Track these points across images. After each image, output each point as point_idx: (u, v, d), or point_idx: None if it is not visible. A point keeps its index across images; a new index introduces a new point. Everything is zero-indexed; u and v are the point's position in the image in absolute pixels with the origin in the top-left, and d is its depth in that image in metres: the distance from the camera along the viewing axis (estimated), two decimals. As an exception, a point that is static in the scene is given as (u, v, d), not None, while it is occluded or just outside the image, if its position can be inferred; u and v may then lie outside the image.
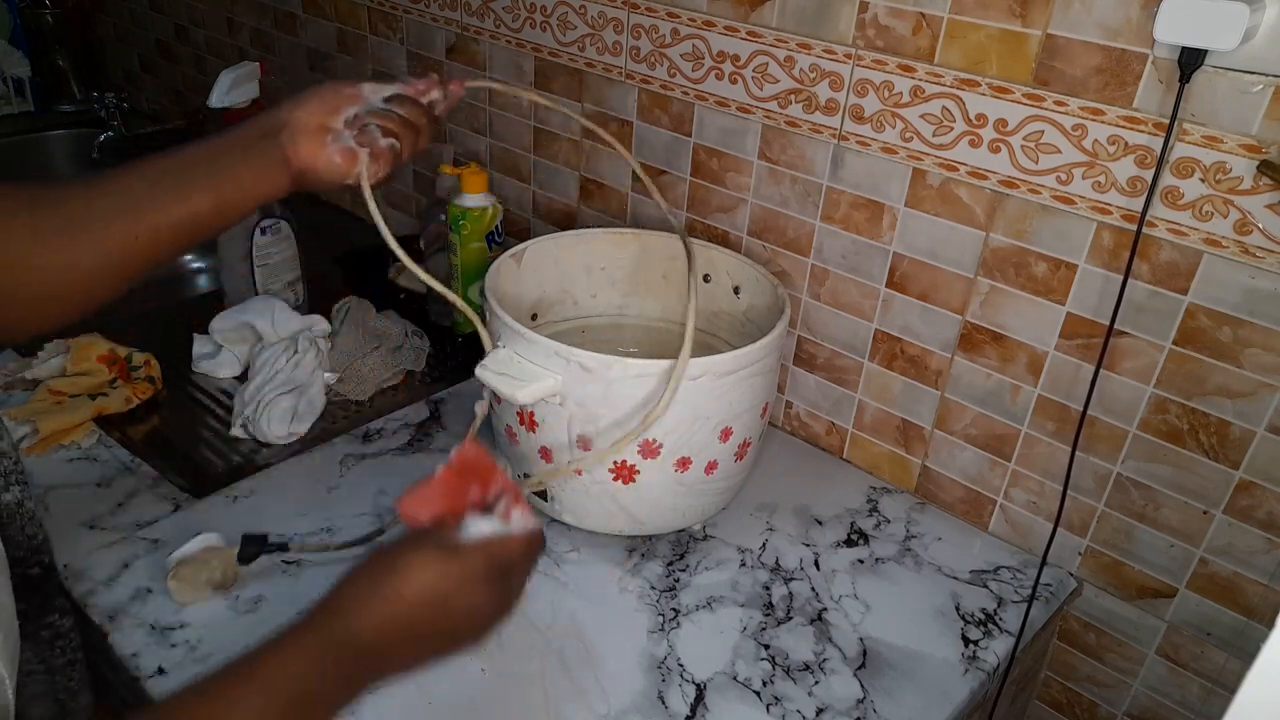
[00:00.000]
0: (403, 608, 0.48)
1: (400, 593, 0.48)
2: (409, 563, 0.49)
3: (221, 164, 0.60)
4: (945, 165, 0.79)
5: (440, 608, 0.49)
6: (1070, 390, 0.79)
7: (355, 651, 0.48)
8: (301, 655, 0.47)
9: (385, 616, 0.48)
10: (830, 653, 0.73)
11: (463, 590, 0.49)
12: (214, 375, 1.02)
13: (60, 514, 0.80)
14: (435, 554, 0.49)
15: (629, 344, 0.98)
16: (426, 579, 0.49)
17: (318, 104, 0.62)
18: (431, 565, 0.49)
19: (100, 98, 1.59)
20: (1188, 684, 0.80)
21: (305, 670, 0.46)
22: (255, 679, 0.45)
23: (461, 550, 0.50)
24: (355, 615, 0.48)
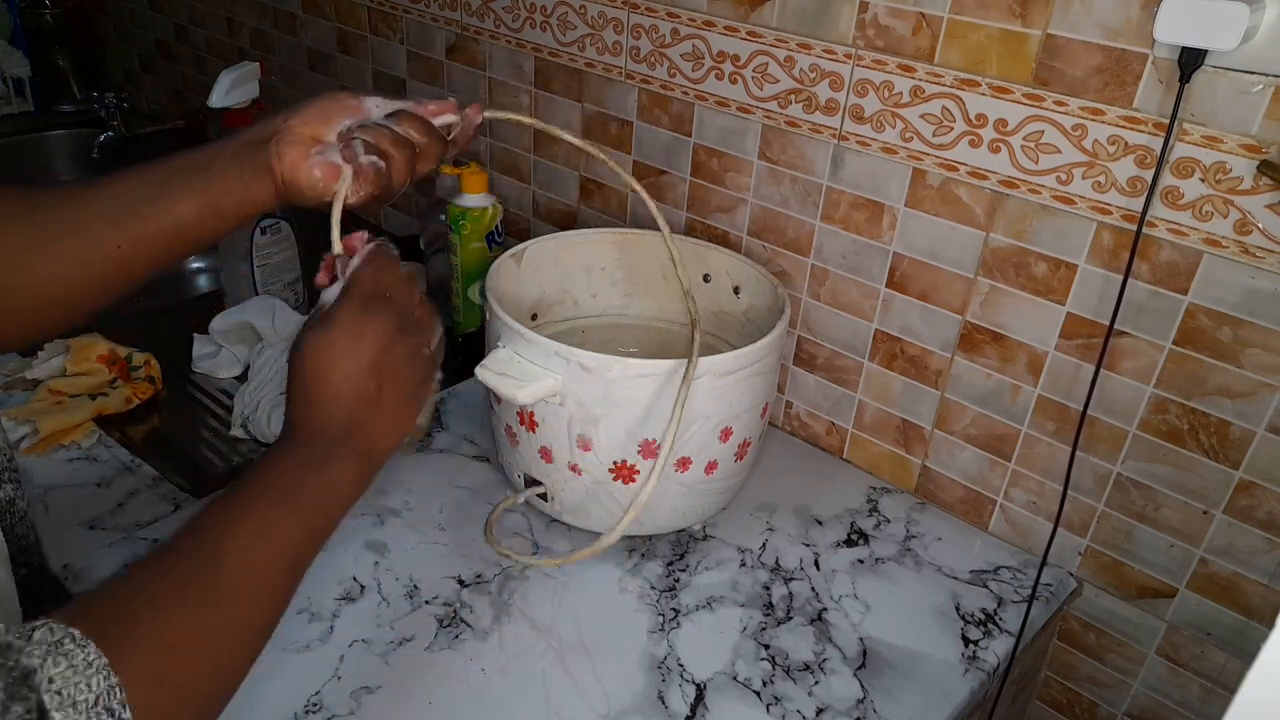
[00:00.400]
0: (335, 384, 0.52)
1: (324, 373, 0.52)
2: (297, 357, 0.52)
3: (212, 171, 0.58)
4: (945, 165, 0.79)
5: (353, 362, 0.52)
6: (1070, 390, 0.79)
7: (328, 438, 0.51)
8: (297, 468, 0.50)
9: (331, 400, 0.52)
10: (830, 653, 0.73)
11: (359, 339, 0.52)
12: (214, 375, 1.02)
13: (60, 514, 0.80)
14: (304, 336, 0.52)
15: (629, 344, 0.98)
16: (313, 355, 0.52)
17: (314, 113, 0.59)
18: (308, 343, 0.52)
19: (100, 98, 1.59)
20: (1188, 684, 0.80)
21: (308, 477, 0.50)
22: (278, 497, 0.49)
23: (330, 312, 0.53)
24: (303, 418, 0.51)
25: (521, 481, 0.81)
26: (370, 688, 0.67)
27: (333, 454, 0.51)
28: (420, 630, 0.72)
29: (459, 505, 0.85)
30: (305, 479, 0.50)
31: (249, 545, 0.47)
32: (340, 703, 0.66)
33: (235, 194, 0.58)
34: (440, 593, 0.76)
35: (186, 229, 0.57)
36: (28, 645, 0.36)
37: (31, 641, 0.36)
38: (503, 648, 0.71)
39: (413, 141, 0.59)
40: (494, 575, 0.78)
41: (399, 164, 0.59)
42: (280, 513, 0.49)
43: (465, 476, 0.89)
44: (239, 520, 0.47)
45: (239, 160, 0.58)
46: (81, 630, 0.37)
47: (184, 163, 0.58)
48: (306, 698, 0.66)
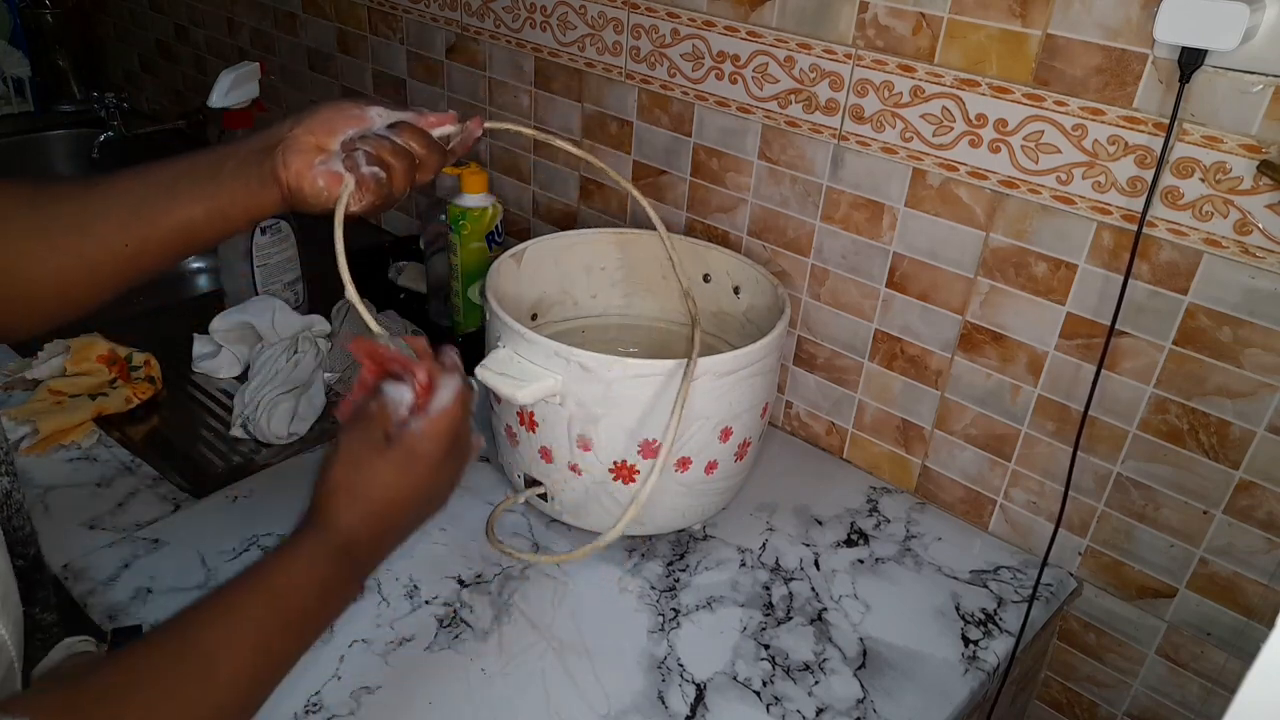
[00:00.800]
0: (388, 508, 0.53)
1: (381, 496, 0.53)
2: (378, 468, 0.53)
3: (217, 175, 0.58)
4: (945, 165, 0.79)
5: (416, 495, 0.54)
6: (1070, 390, 0.79)
7: (353, 553, 0.52)
8: (299, 567, 0.50)
9: (374, 517, 0.53)
10: (830, 653, 0.73)
11: (429, 475, 0.54)
12: (214, 375, 1.02)
13: (60, 514, 0.80)
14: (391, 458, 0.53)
15: (629, 344, 0.98)
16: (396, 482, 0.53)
17: (319, 122, 0.60)
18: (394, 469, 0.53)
19: (100, 98, 1.59)
20: (1188, 684, 0.80)
21: (305, 580, 0.50)
22: (259, 589, 0.49)
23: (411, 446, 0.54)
24: (345, 523, 0.52)
25: (521, 481, 0.81)
26: (370, 688, 0.67)
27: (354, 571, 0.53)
28: (420, 630, 0.72)
29: (459, 505, 0.85)
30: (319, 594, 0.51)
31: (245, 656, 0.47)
32: (340, 703, 0.66)
33: (242, 200, 0.58)
34: (440, 593, 0.76)
35: (193, 231, 0.58)
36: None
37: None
38: (503, 648, 0.71)
39: (412, 152, 0.60)
40: (494, 575, 0.78)
41: (399, 174, 0.60)
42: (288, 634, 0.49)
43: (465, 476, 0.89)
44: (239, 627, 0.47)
45: (245, 167, 0.58)
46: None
47: (191, 166, 0.58)
48: (306, 698, 0.66)
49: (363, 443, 0.53)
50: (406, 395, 0.54)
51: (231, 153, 0.59)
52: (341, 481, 0.53)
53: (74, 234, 0.55)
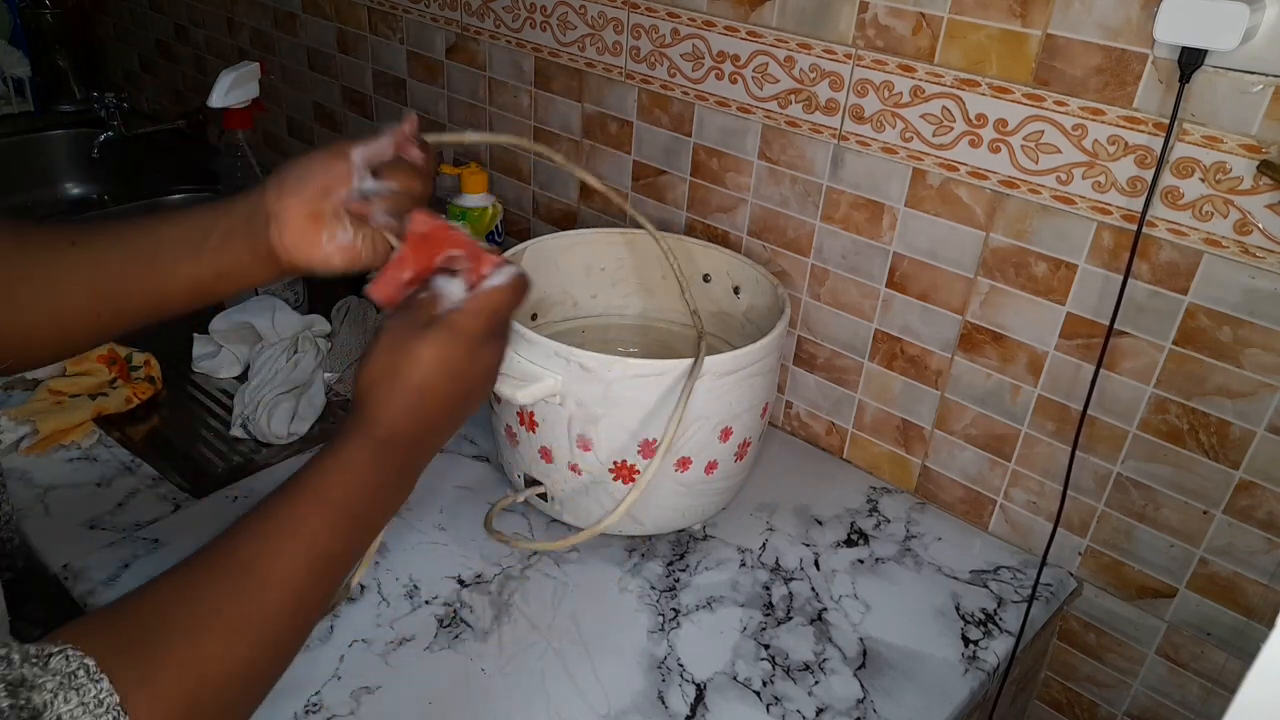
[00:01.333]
0: (427, 393, 0.50)
1: (420, 381, 0.50)
2: (415, 349, 0.50)
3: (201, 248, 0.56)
4: (945, 165, 0.79)
5: (455, 381, 0.51)
6: (1070, 390, 0.79)
7: (397, 447, 0.50)
8: (353, 466, 0.48)
9: (414, 406, 0.50)
10: (830, 653, 0.73)
11: (469, 359, 0.51)
12: (214, 375, 1.02)
13: (60, 514, 0.80)
14: (432, 339, 0.50)
15: (629, 344, 0.98)
16: (435, 364, 0.50)
17: (307, 188, 0.55)
18: (434, 349, 0.50)
19: (100, 98, 1.58)
20: (1188, 684, 0.80)
21: (353, 481, 0.48)
22: (306, 497, 0.47)
23: (453, 322, 0.51)
24: (388, 415, 0.50)
25: (521, 481, 0.81)
26: (370, 688, 0.67)
27: (400, 469, 0.51)
28: (420, 630, 0.72)
29: (459, 505, 0.85)
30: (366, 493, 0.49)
31: (298, 564, 0.45)
32: (340, 703, 0.66)
33: (229, 274, 0.57)
34: (440, 593, 0.76)
35: (170, 302, 0.57)
36: (43, 674, 0.35)
37: (47, 670, 0.35)
38: (503, 648, 0.71)
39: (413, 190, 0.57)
40: (494, 575, 0.78)
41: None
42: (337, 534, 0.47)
43: (465, 476, 0.89)
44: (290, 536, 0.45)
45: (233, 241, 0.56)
46: (100, 658, 0.36)
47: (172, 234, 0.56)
48: (306, 698, 0.66)
49: (405, 327, 0.50)
50: (458, 287, 0.52)
51: (215, 223, 0.56)
52: (382, 371, 0.50)
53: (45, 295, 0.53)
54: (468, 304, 0.51)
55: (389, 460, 0.50)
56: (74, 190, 1.70)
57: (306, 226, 0.55)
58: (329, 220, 0.55)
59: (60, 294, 0.54)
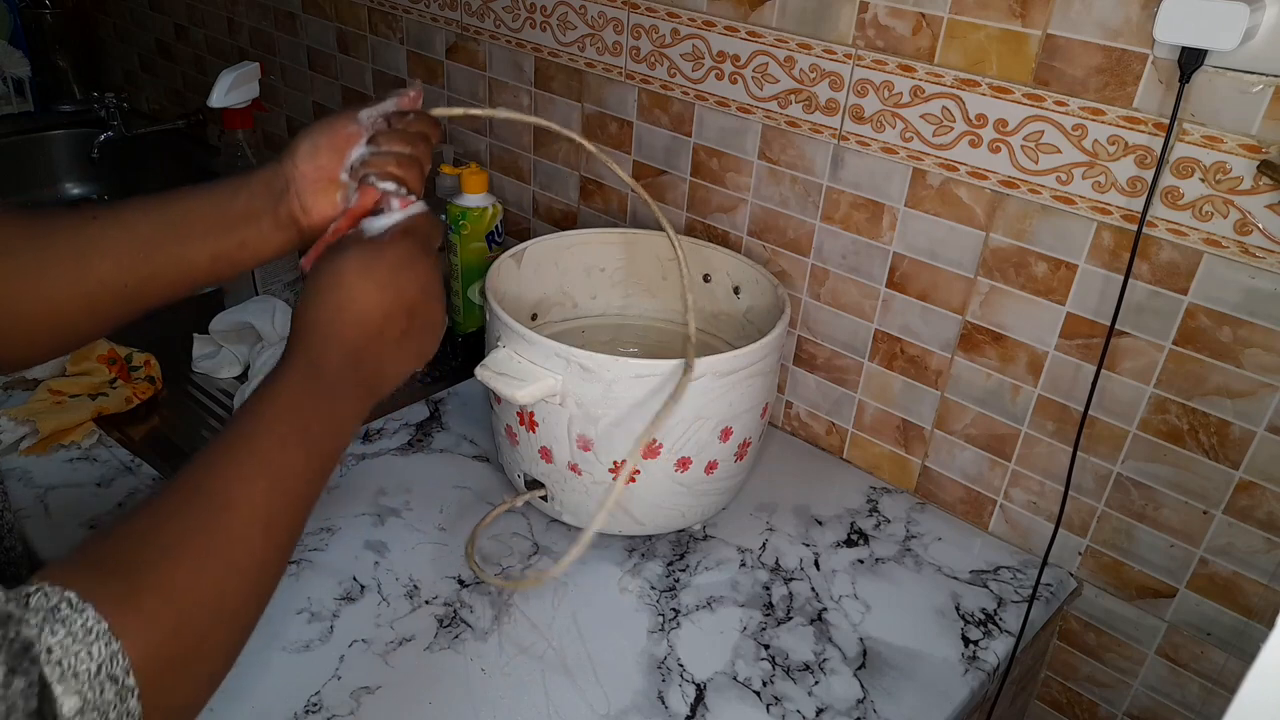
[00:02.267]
0: (355, 303, 0.51)
1: (344, 295, 0.51)
2: (335, 272, 0.51)
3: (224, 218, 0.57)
4: (945, 165, 0.79)
5: (389, 298, 0.52)
6: (1070, 390, 0.79)
7: (331, 357, 0.50)
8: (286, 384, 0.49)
9: (344, 322, 0.51)
10: (830, 653, 0.73)
11: (404, 271, 0.53)
12: (214, 375, 1.02)
13: (60, 514, 0.80)
14: (360, 253, 0.52)
15: (629, 344, 0.98)
16: (360, 278, 0.51)
17: (322, 152, 0.59)
18: (354, 260, 0.52)
19: (100, 98, 1.59)
20: (1188, 684, 0.80)
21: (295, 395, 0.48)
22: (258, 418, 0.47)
23: (380, 241, 0.53)
24: (319, 330, 0.51)
25: (521, 482, 0.81)
26: (370, 688, 0.67)
27: (342, 382, 0.51)
28: (420, 630, 0.72)
29: (459, 505, 0.85)
30: (314, 410, 0.49)
31: (257, 486, 0.45)
32: (340, 703, 0.66)
33: (252, 244, 0.58)
34: (440, 593, 0.76)
35: (197, 272, 0.57)
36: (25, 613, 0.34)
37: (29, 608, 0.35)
38: (503, 648, 0.71)
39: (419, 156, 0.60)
40: (494, 575, 0.78)
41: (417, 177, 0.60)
42: (289, 450, 0.47)
43: (465, 476, 0.89)
44: (246, 459, 0.46)
45: (255, 211, 0.58)
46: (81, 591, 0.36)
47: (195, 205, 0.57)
48: (306, 698, 0.66)
49: (330, 258, 0.52)
50: (378, 220, 0.54)
51: (235, 193, 0.58)
52: (305, 304, 0.51)
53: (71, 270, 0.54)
54: (389, 228, 0.54)
55: (329, 376, 0.50)
56: (74, 190, 1.70)
57: (323, 189, 0.58)
58: (343, 180, 0.58)
59: (87, 267, 0.54)
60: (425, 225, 0.56)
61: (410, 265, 0.53)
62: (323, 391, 0.50)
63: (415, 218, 0.55)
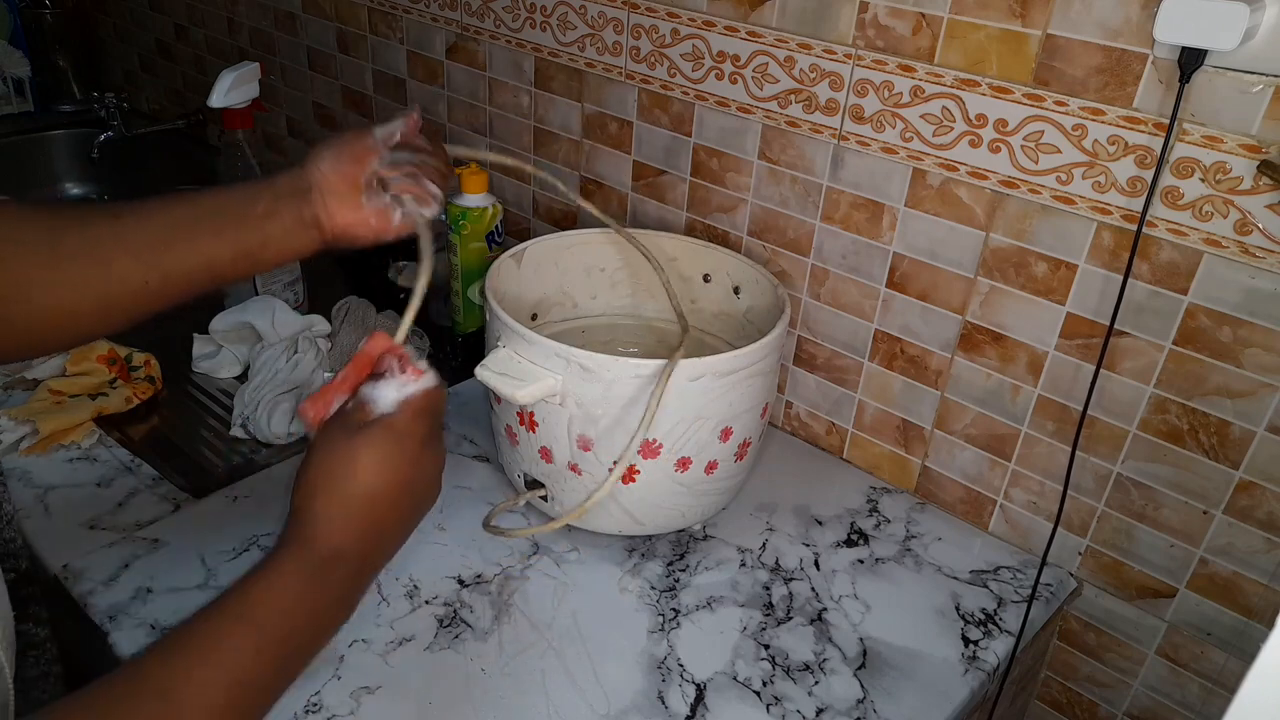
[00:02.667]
0: (372, 502, 0.49)
1: (360, 491, 0.48)
2: (351, 458, 0.49)
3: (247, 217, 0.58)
4: (945, 165, 0.79)
5: (400, 486, 0.50)
6: (1070, 390, 0.79)
7: (341, 565, 0.48)
8: (287, 587, 0.46)
9: (355, 519, 0.48)
10: (830, 653, 0.73)
11: (412, 461, 0.50)
12: (214, 375, 1.02)
13: (60, 514, 0.80)
14: (374, 438, 0.49)
15: (629, 344, 0.98)
16: (376, 467, 0.49)
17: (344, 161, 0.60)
18: (373, 450, 0.49)
19: (100, 98, 1.59)
20: (1188, 684, 0.80)
21: (294, 601, 0.46)
22: (245, 616, 0.44)
23: (390, 423, 0.50)
24: (329, 531, 0.48)
25: (521, 481, 0.81)
26: (370, 688, 0.67)
27: (341, 577, 0.48)
28: (420, 630, 0.72)
29: (459, 505, 0.85)
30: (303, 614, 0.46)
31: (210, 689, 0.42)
32: (340, 703, 0.66)
33: (275, 243, 0.59)
34: (440, 593, 0.76)
35: (217, 270, 0.58)
36: None
37: None
38: (503, 648, 0.71)
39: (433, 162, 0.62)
40: (494, 575, 0.78)
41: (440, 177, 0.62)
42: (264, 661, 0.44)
43: (465, 476, 0.89)
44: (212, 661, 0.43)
45: (280, 211, 0.58)
46: None
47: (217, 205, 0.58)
48: (306, 698, 0.66)
49: (339, 434, 0.49)
50: (388, 391, 0.51)
51: (259, 194, 0.59)
52: (318, 482, 0.48)
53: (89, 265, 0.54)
54: (404, 406, 0.50)
55: (329, 581, 0.47)
56: (74, 190, 1.70)
57: (347, 192, 0.60)
58: (365, 187, 0.61)
59: (107, 262, 0.54)
60: (440, 403, 0.53)
61: (425, 452, 0.51)
62: (321, 606, 0.47)
63: (431, 394, 0.52)
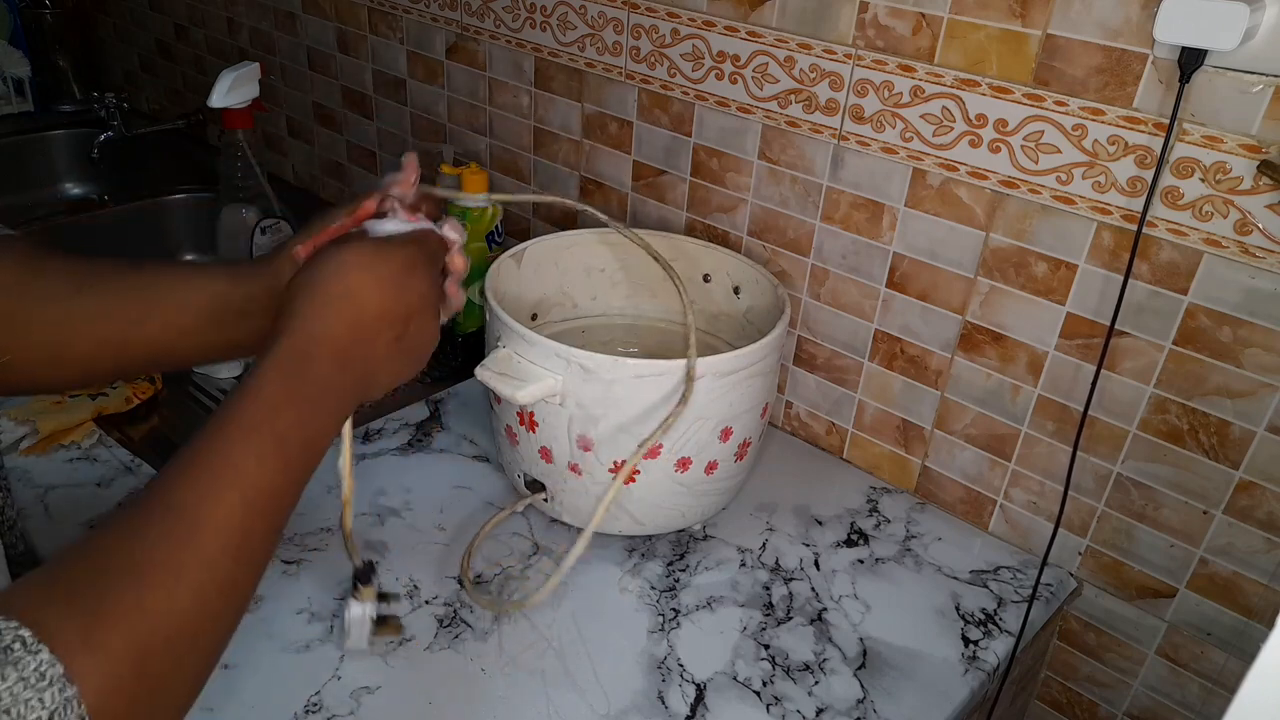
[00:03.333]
0: (347, 300, 0.49)
1: (340, 290, 0.49)
2: (337, 261, 0.49)
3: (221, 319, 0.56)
4: (945, 165, 0.79)
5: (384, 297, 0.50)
6: (1070, 390, 0.79)
7: (317, 354, 0.48)
8: (271, 381, 0.46)
9: (334, 309, 0.49)
10: (830, 653, 0.73)
11: (398, 278, 0.51)
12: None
13: (60, 514, 0.80)
14: (366, 248, 0.50)
15: (629, 344, 0.98)
16: (360, 273, 0.50)
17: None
18: (360, 259, 0.50)
19: (100, 98, 1.58)
20: (1188, 684, 0.80)
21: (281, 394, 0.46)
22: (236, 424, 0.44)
23: (380, 242, 0.51)
24: (305, 321, 0.48)
25: (521, 481, 0.81)
26: (370, 688, 0.67)
27: (328, 384, 0.48)
28: (420, 630, 0.72)
29: (459, 505, 0.85)
30: (295, 416, 0.46)
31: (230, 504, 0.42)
32: (340, 703, 0.66)
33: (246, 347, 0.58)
34: (440, 593, 0.76)
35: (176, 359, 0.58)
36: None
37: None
38: (503, 648, 0.71)
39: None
40: (494, 575, 0.78)
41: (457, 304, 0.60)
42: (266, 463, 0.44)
43: (465, 476, 0.89)
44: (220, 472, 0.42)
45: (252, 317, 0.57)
46: (38, 624, 0.34)
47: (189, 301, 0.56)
48: (306, 698, 0.66)
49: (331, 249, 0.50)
50: (386, 224, 0.53)
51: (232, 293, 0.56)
52: (302, 283, 0.49)
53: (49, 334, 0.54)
54: (398, 234, 0.52)
55: (311, 372, 0.47)
56: (74, 190, 1.70)
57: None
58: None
59: (64, 337, 0.54)
60: (434, 240, 0.55)
61: (416, 271, 0.52)
62: (306, 394, 0.47)
63: (424, 230, 0.54)
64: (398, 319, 0.51)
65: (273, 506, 0.44)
